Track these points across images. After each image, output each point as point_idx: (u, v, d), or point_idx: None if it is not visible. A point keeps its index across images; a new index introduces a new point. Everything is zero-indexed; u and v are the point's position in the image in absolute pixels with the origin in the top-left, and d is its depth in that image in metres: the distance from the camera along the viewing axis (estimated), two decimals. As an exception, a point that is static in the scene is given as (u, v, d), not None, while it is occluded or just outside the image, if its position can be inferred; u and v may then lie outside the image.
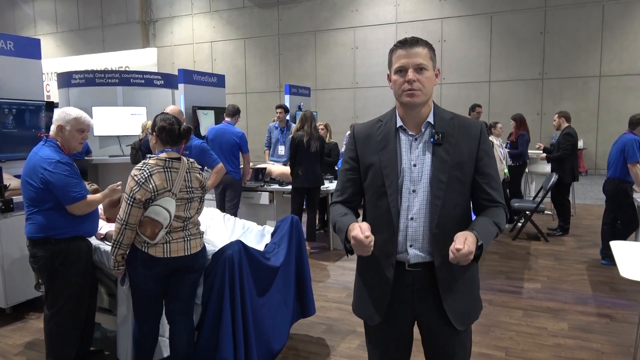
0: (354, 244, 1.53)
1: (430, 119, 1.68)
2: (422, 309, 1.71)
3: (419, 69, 1.60)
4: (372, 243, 1.51)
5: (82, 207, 2.72)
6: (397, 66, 1.63)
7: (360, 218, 1.79)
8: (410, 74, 1.60)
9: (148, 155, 2.55)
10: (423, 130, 1.68)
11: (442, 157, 1.63)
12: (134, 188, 2.39)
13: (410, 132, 1.69)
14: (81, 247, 2.80)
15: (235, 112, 5.62)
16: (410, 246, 1.66)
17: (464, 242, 1.45)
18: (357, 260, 1.84)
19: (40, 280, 3.21)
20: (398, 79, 1.63)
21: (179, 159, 2.56)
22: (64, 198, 2.66)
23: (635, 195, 5.01)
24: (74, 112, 2.78)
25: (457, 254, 1.44)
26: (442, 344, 1.75)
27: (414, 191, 1.65)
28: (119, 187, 2.94)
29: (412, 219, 1.65)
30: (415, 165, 1.66)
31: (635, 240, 5.10)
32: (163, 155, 2.52)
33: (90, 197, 2.77)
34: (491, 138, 6.47)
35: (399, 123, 1.70)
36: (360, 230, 1.50)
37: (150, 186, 2.39)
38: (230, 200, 5.40)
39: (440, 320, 1.69)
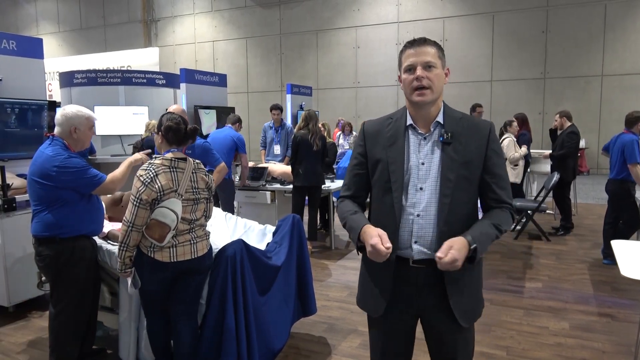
0: (371, 251, 1.57)
1: (440, 118, 1.70)
2: (426, 305, 1.73)
3: (428, 66, 1.63)
4: (390, 252, 1.56)
5: (109, 185, 2.79)
6: (406, 65, 1.66)
7: (367, 213, 1.82)
8: (419, 71, 1.63)
9: (154, 156, 2.55)
10: (432, 129, 1.70)
11: (451, 156, 1.66)
12: (140, 189, 2.39)
13: (419, 131, 1.71)
14: (86, 245, 2.81)
15: (236, 121, 5.88)
16: (415, 242, 1.68)
17: (447, 251, 1.52)
18: (363, 254, 1.86)
19: (42, 279, 3.23)
20: (407, 77, 1.66)
21: (184, 159, 2.55)
22: (88, 185, 2.70)
23: (637, 195, 5.01)
24: (83, 111, 2.81)
25: (440, 262, 1.52)
26: (445, 341, 1.77)
27: (421, 189, 1.67)
28: (142, 157, 2.99)
29: (418, 215, 1.67)
30: (423, 164, 1.68)
31: (637, 239, 5.09)
32: (169, 155, 2.52)
33: (111, 174, 2.82)
34: (507, 135, 6.68)
35: (409, 121, 1.73)
36: (381, 240, 1.55)
37: (156, 186, 2.39)
38: (224, 199, 5.45)
39: (444, 316, 1.71)
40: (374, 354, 1.88)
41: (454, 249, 1.53)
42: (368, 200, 1.88)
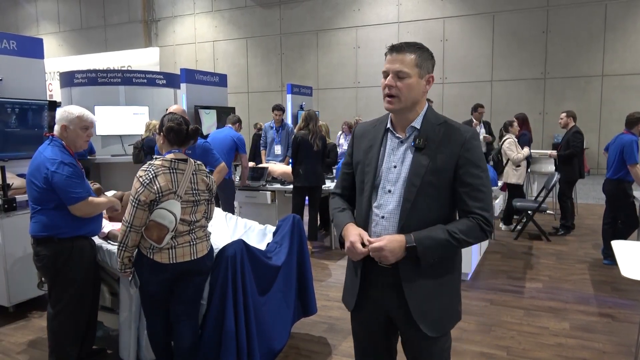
0: (349, 247, 1.66)
1: (416, 123, 1.70)
2: (392, 307, 1.74)
3: (398, 76, 1.64)
4: (367, 252, 1.63)
5: (82, 208, 2.70)
6: (383, 70, 1.69)
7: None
8: (388, 80, 1.65)
9: (154, 157, 2.55)
10: (407, 134, 1.71)
11: (420, 162, 1.65)
12: (138, 190, 2.38)
13: (397, 135, 1.73)
14: (84, 246, 2.80)
15: (236, 121, 5.90)
16: None
17: (376, 241, 1.61)
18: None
19: (43, 279, 3.22)
20: (383, 82, 1.69)
21: (185, 160, 2.54)
22: (66, 198, 2.66)
23: (635, 194, 5.01)
24: (76, 110, 2.79)
25: (370, 247, 1.61)
26: (409, 346, 1.78)
27: (389, 191, 1.70)
28: (119, 207, 3.01)
29: (383, 217, 1.70)
30: (395, 167, 1.70)
31: (637, 239, 5.09)
32: (169, 156, 2.51)
33: (91, 199, 2.75)
34: (508, 135, 6.71)
35: (389, 125, 1.75)
36: (361, 239, 1.64)
37: (155, 187, 2.39)
38: (225, 199, 5.46)
39: (408, 320, 1.70)
40: (356, 351, 1.94)
41: (382, 240, 1.59)
42: None
